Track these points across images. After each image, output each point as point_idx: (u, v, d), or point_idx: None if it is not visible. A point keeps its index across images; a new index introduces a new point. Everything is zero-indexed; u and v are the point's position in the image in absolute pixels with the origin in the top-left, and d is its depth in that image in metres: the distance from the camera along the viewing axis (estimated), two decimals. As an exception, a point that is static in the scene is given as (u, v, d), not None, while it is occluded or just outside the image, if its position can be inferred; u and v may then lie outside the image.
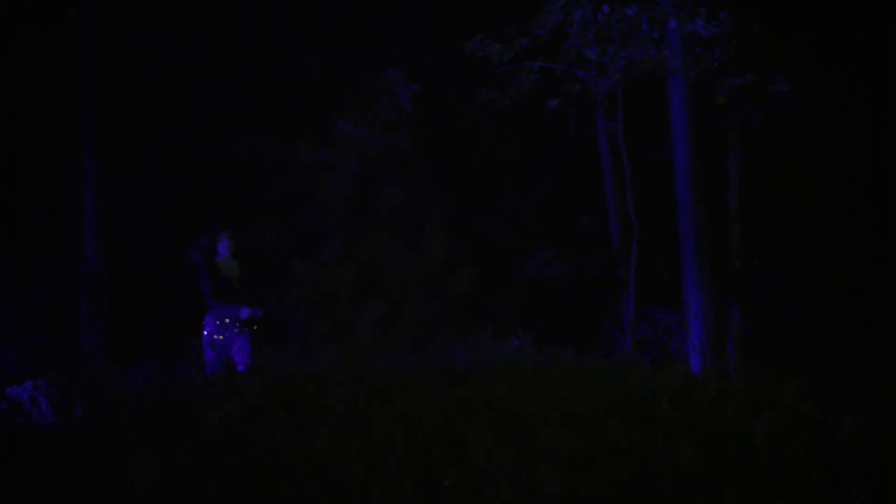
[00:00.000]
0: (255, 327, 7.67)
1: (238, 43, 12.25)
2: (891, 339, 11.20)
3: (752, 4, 10.24)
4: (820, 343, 11.45)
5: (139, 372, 6.63)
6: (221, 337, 7.51)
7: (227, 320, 7.52)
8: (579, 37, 9.11)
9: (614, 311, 11.44)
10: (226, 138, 11.70)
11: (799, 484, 4.13)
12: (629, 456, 4.44)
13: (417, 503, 4.06)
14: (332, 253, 10.38)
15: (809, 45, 11.76)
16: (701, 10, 9.03)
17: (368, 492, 4.08)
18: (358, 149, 11.00)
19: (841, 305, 12.10)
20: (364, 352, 6.15)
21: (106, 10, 11.72)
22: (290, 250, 10.48)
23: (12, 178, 11.90)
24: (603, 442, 4.62)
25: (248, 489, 4.03)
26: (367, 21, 12.30)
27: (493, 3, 11.73)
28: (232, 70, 12.22)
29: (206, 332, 7.56)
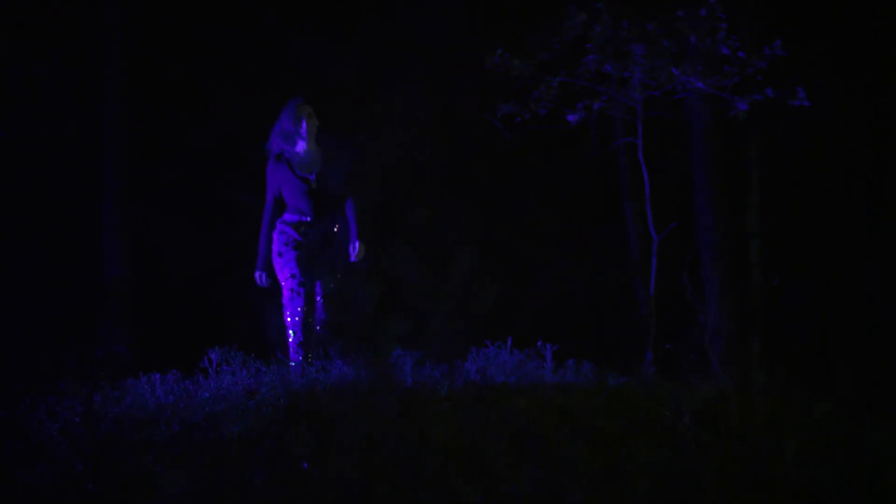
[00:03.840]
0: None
1: (259, 50, 12.27)
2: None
3: (774, 19, 10.21)
4: (846, 359, 11.36)
5: (160, 384, 6.61)
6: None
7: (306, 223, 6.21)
8: (599, 52, 9.10)
9: (634, 325, 11.39)
10: (248, 149, 11.73)
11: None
12: (651, 474, 4.41)
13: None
14: (353, 268, 10.37)
15: (832, 59, 11.72)
16: (721, 25, 9.01)
17: (390, 509, 4.07)
18: (377, 163, 11.01)
19: (866, 321, 12.00)
20: (386, 367, 6.12)
21: (131, 17, 11.71)
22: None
23: (35, 185, 11.95)
24: (624, 460, 4.60)
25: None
26: (387, 34, 12.33)
27: (513, 17, 11.75)
28: (252, 78, 12.23)
29: (275, 251, 6.24)
